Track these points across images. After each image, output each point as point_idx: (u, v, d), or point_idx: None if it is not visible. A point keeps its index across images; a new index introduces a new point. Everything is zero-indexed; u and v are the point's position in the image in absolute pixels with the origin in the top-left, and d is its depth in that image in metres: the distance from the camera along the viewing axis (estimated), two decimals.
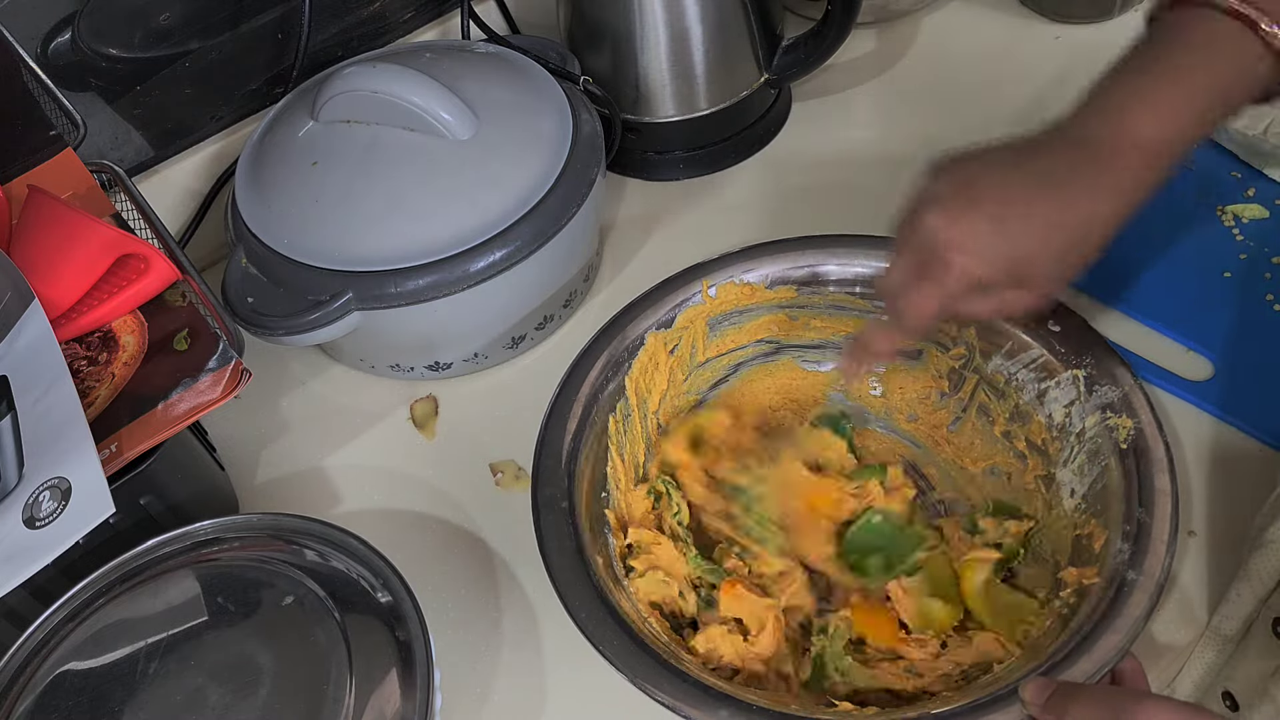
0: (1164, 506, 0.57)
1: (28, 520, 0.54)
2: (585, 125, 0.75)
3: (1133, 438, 0.60)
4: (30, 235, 0.66)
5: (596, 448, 0.64)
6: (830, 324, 0.70)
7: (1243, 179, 0.79)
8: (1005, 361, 0.66)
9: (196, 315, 0.64)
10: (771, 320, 0.70)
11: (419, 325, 0.71)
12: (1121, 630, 0.53)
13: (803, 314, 0.70)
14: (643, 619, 0.58)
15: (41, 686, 0.53)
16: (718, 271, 0.69)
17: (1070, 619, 0.55)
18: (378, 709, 0.51)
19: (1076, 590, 0.57)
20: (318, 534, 0.58)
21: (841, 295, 0.69)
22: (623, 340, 0.67)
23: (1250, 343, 0.70)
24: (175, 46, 0.80)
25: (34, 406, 0.58)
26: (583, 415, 0.64)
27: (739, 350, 0.71)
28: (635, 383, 0.67)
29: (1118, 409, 0.61)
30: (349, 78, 0.72)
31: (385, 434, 0.75)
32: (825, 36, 0.83)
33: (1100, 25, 0.92)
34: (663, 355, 0.68)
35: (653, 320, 0.68)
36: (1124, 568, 0.55)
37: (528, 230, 0.70)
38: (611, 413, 0.66)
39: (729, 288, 0.69)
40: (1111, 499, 0.59)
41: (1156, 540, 0.56)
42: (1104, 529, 0.58)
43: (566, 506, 0.60)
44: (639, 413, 0.67)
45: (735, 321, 0.70)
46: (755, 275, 0.69)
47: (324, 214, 0.70)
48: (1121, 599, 0.54)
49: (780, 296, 0.69)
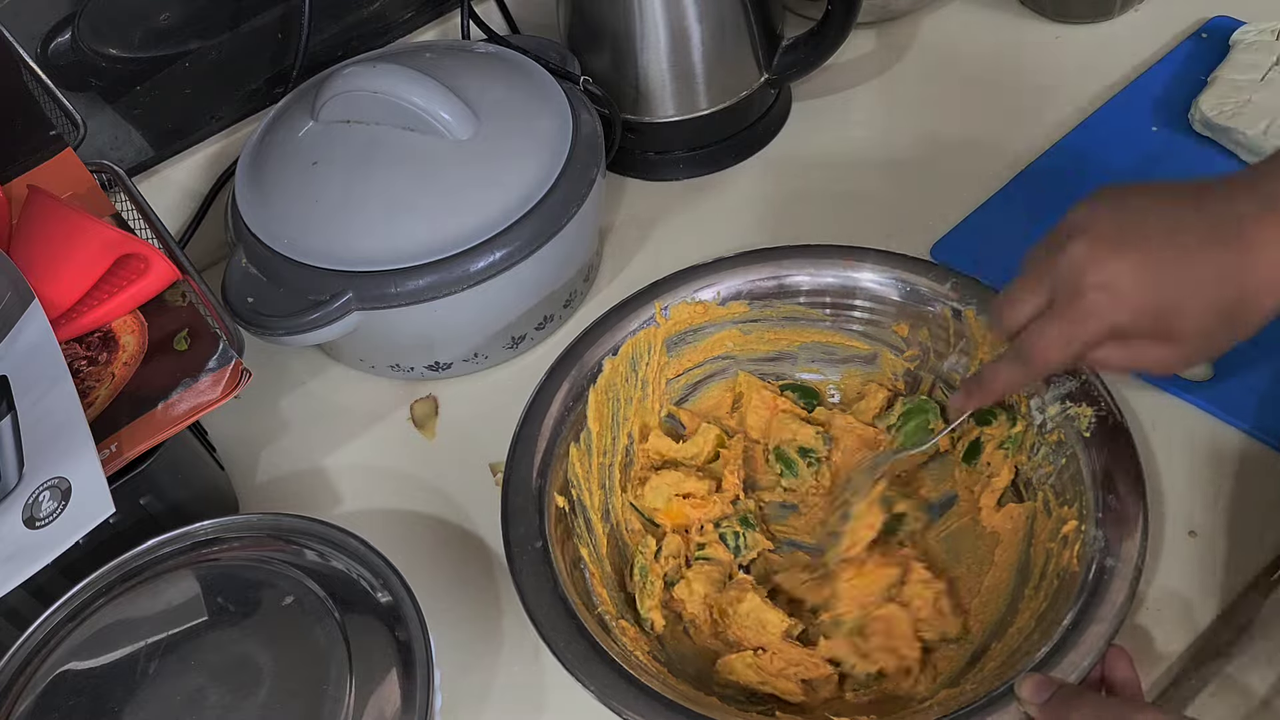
0: (1134, 490, 0.57)
1: (28, 520, 0.54)
2: (585, 125, 0.75)
3: (1094, 425, 0.60)
4: (30, 235, 0.66)
5: (563, 478, 0.64)
6: (785, 335, 0.70)
7: None
8: (961, 359, 0.66)
9: (196, 315, 0.64)
10: (726, 336, 0.70)
11: (419, 325, 0.71)
12: (1105, 619, 0.53)
13: (756, 328, 0.70)
14: (625, 653, 0.57)
15: (41, 686, 0.53)
16: (668, 293, 0.69)
17: (1049, 612, 0.56)
18: (378, 709, 0.51)
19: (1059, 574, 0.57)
20: (318, 534, 0.58)
21: (794, 306, 0.69)
22: (581, 369, 0.66)
23: (1250, 343, 0.69)
24: (175, 46, 0.80)
25: (34, 406, 0.58)
26: (546, 449, 0.63)
27: (696, 369, 0.71)
28: (597, 409, 0.66)
29: (1077, 398, 0.61)
30: (349, 78, 0.72)
31: (385, 434, 0.75)
32: (825, 36, 0.83)
33: (1100, 25, 0.92)
34: (620, 380, 0.68)
35: (609, 346, 0.67)
36: (1101, 555, 0.55)
37: (528, 230, 0.70)
38: (575, 442, 0.65)
39: (682, 308, 0.69)
40: (1081, 487, 0.59)
41: (1131, 525, 0.56)
42: (1076, 518, 0.58)
43: (540, 546, 0.59)
44: (602, 438, 0.67)
45: (691, 341, 0.70)
46: (708, 293, 0.69)
47: (324, 214, 0.70)
48: (1102, 587, 0.54)
49: (733, 312, 0.69)
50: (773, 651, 0.60)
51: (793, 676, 0.59)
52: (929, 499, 0.67)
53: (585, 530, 0.64)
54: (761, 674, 0.59)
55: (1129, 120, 0.84)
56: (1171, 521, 0.64)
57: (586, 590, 0.60)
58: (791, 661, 0.59)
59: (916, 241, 0.77)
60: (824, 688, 0.60)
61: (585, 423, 0.65)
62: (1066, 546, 0.58)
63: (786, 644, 0.60)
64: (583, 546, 0.63)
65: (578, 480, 0.64)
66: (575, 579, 0.60)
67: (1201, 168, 0.80)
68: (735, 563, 0.65)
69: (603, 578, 0.62)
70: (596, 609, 0.60)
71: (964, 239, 0.78)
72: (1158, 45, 0.90)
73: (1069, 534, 0.58)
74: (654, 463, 0.69)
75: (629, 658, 0.57)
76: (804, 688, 0.60)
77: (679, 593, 0.63)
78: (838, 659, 0.60)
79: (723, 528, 0.65)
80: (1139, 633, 0.60)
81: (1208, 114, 0.80)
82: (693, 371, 0.71)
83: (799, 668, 0.59)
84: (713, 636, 0.63)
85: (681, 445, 0.68)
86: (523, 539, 0.60)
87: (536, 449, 0.63)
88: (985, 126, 0.87)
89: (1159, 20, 0.91)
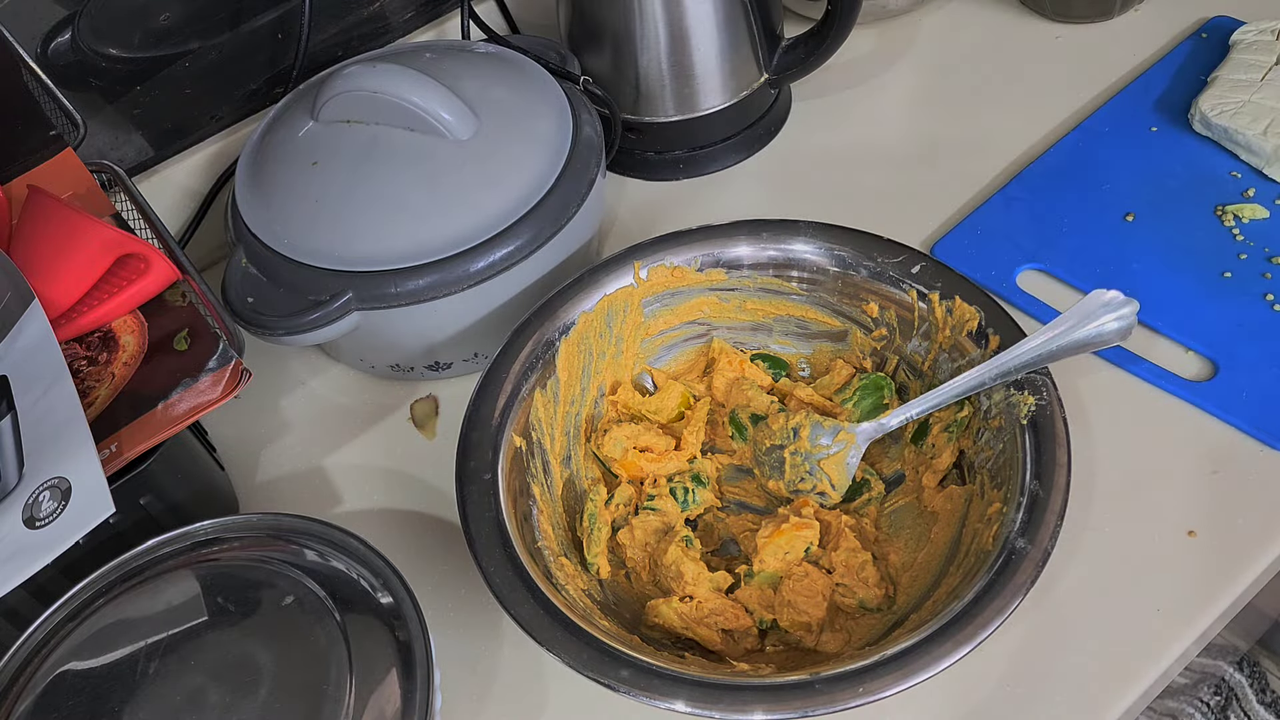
0: (1060, 479, 0.58)
1: (28, 520, 0.54)
2: (585, 125, 0.75)
3: (1033, 413, 0.61)
4: (30, 235, 0.66)
5: (525, 421, 0.66)
6: (761, 306, 0.72)
7: (1243, 179, 0.79)
8: (923, 342, 0.67)
9: (196, 315, 0.64)
10: (703, 302, 0.72)
11: (419, 325, 0.71)
12: (1005, 598, 0.54)
13: (734, 296, 0.71)
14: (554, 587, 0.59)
15: (41, 686, 0.53)
16: (648, 255, 0.70)
17: (960, 588, 0.56)
18: (378, 709, 0.51)
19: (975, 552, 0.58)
20: (318, 534, 0.58)
21: (769, 279, 0.70)
22: (555, 320, 0.68)
23: (1250, 343, 0.70)
24: (175, 46, 0.80)
25: (34, 406, 0.58)
26: (512, 392, 0.65)
27: (671, 331, 0.72)
28: (568, 359, 0.68)
29: (1021, 386, 0.62)
30: (349, 78, 0.72)
31: (385, 434, 0.75)
32: (825, 36, 0.83)
33: (1100, 25, 0.92)
34: (593, 336, 0.69)
35: (585, 302, 0.69)
36: (1015, 537, 0.56)
37: (528, 230, 0.70)
38: (541, 389, 0.67)
39: (659, 270, 0.70)
40: (1011, 472, 0.60)
41: (1049, 511, 0.57)
42: (1002, 500, 0.59)
43: (489, 479, 0.62)
44: (570, 388, 0.68)
45: (667, 304, 0.71)
46: (683, 258, 0.70)
47: (324, 214, 0.70)
48: (1010, 568, 0.55)
49: (711, 279, 0.71)
50: (698, 600, 0.62)
51: (714, 625, 0.61)
52: (884, 474, 0.69)
53: (541, 471, 0.65)
54: (685, 620, 0.61)
55: (1129, 120, 0.84)
56: (1171, 521, 0.64)
57: (532, 527, 0.62)
58: (715, 610, 0.62)
59: (916, 241, 0.77)
60: (745, 639, 0.62)
61: (555, 371, 0.67)
62: (988, 527, 0.59)
63: (712, 594, 0.62)
64: (535, 485, 0.64)
65: (539, 424, 0.66)
66: (522, 514, 0.62)
67: (1201, 168, 0.80)
68: (682, 517, 0.66)
69: (552, 517, 0.65)
70: (538, 543, 0.62)
71: (964, 239, 0.78)
72: (1158, 45, 0.90)
73: (993, 515, 0.59)
74: (621, 416, 0.70)
75: (559, 591, 0.59)
76: (725, 637, 0.62)
77: (622, 537, 0.65)
78: (747, 606, 0.62)
79: (674, 482, 0.67)
80: (1139, 632, 0.60)
81: (1208, 114, 0.80)
82: (669, 334, 0.73)
83: (720, 617, 0.62)
84: (650, 583, 0.65)
85: (647, 399, 0.70)
86: (473, 471, 0.62)
87: (501, 391, 0.65)
88: (985, 126, 0.87)
89: (1159, 20, 0.91)
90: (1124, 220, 0.77)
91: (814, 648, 0.61)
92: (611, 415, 0.71)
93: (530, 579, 0.58)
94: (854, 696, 0.52)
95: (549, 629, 0.56)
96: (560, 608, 0.57)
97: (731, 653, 0.61)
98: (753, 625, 0.62)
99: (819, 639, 0.61)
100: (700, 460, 0.69)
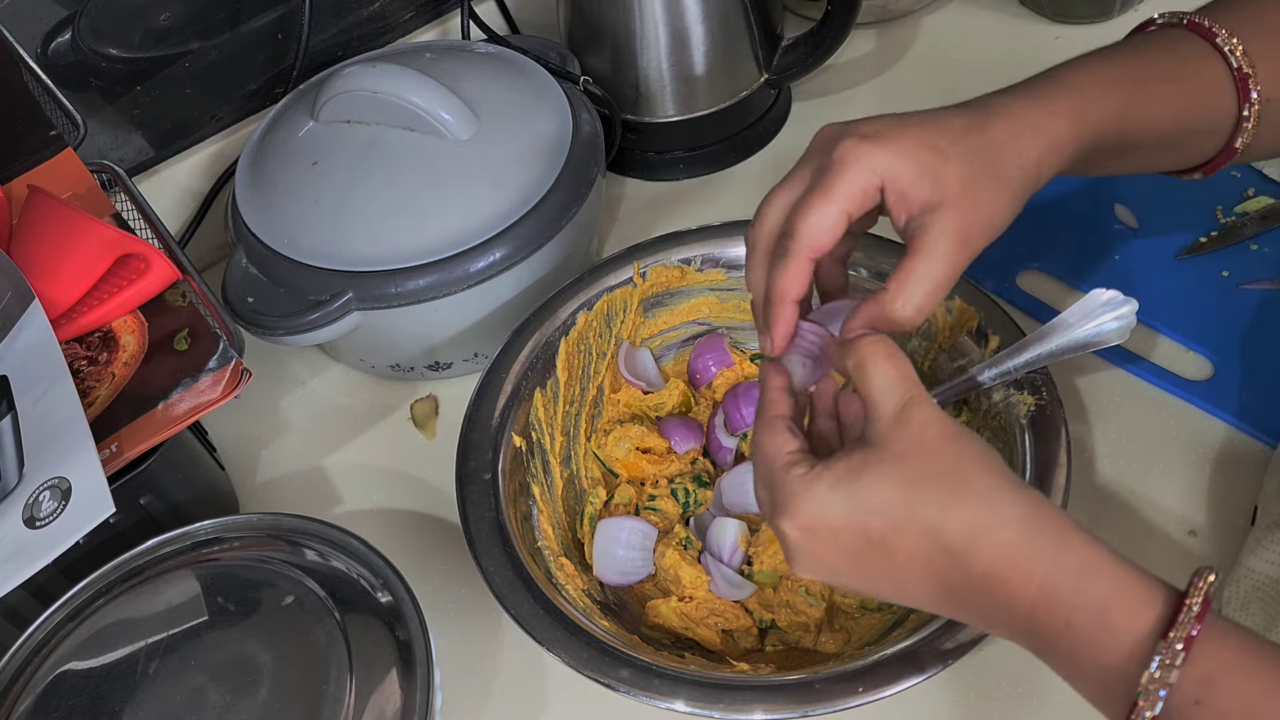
0: (1059, 479, 0.58)
1: (28, 520, 0.54)
2: (585, 125, 0.75)
3: (1033, 413, 0.61)
4: (30, 235, 0.66)
5: (525, 421, 0.66)
6: None
7: (1242, 179, 0.78)
8: (923, 342, 0.67)
9: (196, 315, 0.64)
10: (703, 302, 0.72)
11: (419, 325, 0.71)
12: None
13: (733, 296, 0.71)
14: (554, 587, 0.59)
15: (41, 686, 0.53)
16: (647, 255, 0.70)
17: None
18: (378, 709, 0.51)
19: None
20: (318, 534, 0.58)
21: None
22: (554, 320, 0.68)
23: (1250, 343, 0.70)
24: (175, 46, 0.81)
25: (34, 406, 0.58)
26: (512, 392, 0.66)
27: (671, 331, 0.73)
28: (567, 359, 0.68)
29: (1021, 386, 0.62)
30: (349, 78, 0.72)
31: (385, 434, 0.75)
32: (825, 36, 0.83)
33: (1100, 25, 0.92)
34: (593, 335, 0.69)
35: (584, 301, 0.69)
36: None
37: (528, 230, 0.70)
38: (540, 388, 0.67)
39: (659, 270, 0.70)
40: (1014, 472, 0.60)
41: None
42: None
43: (490, 479, 0.62)
44: (570, 387, 0.68)
45: (668, 303, 0.72)
46: (683, 258, 0.70)
47: (324, 214, 0.70)
48: None
49: (710, 279, 0.71)
50: (698, 600, 0.62)
51: (713, 625, 0.62)
52: None
53: (541, 471, 0.66)
54: (685, 620, 0.62)
55: None
56: (1171, 521, 0.64)
57: (532, 527, 0.63)
58: (714, 610, 0.62)
59: None
60: (744, 639, 0.62)
61: (554, 370, 0.67)
62: None
63: (711, 595, 0.62)
64: (535, 485, 0.64)
65: (539, 424, 0.66)
66: (522, 514, 0.62)
67: None
68: (682, 517, 0.66)
69: (552, 517, 0.65)
70: (538, 543, 0.62)
71: None
72: None
73: None
74: (622, 415, 0.70)
75: (559, 591, 0.59)
76: (724, 637, 0.62)
77: None
78: (746, 606, 0.62)
79: (675, 483, 0.67)
80: None
81: None
82: (669, 334, 0.73)
83: (720, 617, 0.62)
84: (650, 583, 0.65)
85: (648, 396, 0.70)
86: (474, 471, 0.62)
87: (501, 391, 0.65)
88: None
89: None
90: (1124, 220, 0.77)
91: (813, 648, 0.61)
92: (612, 415, 0.71)
93: (530, 579, 0.58)
94: (854, 696, 0.52)
95: (549, 629, 0.56)
96: (560, 607, 0.57)
97: (731, 653, 0.61)
98: (752, 625, 0.62)
99: (818, 639, 0.61)
100: (701, 461, 0.69)
